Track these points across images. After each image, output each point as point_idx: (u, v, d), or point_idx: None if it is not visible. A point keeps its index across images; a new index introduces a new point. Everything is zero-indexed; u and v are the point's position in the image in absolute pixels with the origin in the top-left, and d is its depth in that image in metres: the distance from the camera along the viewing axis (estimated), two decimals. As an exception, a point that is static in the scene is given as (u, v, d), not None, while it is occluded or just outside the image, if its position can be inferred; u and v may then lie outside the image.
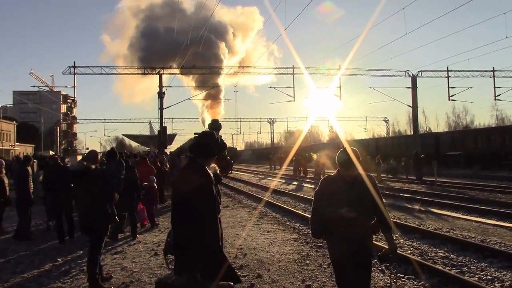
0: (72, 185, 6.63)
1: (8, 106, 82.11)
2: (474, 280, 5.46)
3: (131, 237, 8.57)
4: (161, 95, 38.78)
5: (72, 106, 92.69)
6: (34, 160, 13.67)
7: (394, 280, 5.55)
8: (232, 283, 3.89)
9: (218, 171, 4.47)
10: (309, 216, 3.81)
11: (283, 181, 25.23)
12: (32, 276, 6.02)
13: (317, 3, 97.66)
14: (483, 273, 5.83)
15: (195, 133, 42.28)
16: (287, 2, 27.52)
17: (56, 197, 8.39)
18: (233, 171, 36.15)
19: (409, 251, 7.08)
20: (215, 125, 37.23)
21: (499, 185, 18.13)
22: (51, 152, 43.56)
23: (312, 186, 20.71)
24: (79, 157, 18.39)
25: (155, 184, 10.36)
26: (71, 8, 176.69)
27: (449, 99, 44.15)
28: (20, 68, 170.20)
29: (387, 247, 3.76)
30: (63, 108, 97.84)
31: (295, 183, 23.57)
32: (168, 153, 26.66)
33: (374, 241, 4.48)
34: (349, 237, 3.44)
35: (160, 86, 38.99)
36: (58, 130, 61.45)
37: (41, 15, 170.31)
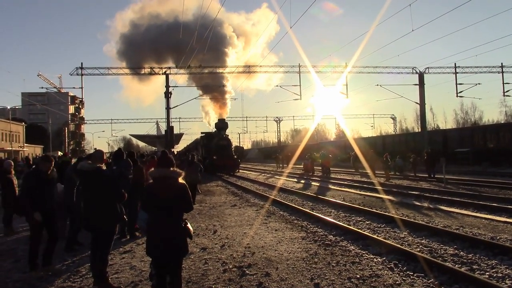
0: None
1: (17, 107, 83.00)
2: (484, 278, 5.41)
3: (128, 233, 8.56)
4: (167, 95, 38.92)
5: (80, 107, 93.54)
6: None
7: (404, 278, 5.51)
8: None
9: None
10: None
11: (290, 179, 25.19)
12: (42, 275, 6.06)
13: (322, 1, 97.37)
14: (494, 270, 5.78)
15: (202, 133, 42.46)
16: (292, 1, 27.46)
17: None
18: (240, 170, 36.17)
19: (418, 249, 7.03)
20: (222, 125, 37.27)
21: (509, 181, 17.93)
22: (60, 153, 43.92)
23: (318, 184, 20.65)
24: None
25: None
26: (79, 10, 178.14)
27: (457, 96, 44.09)
28: (28, 70, 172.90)
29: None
30: (71, 109, 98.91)
31: (302, 181, 23.51)
32: (176, 153, 26.75)
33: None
34: None
35: (167, 86, 39.16)
36: (66, 131, 61.90)
37: (49, 17, 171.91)
